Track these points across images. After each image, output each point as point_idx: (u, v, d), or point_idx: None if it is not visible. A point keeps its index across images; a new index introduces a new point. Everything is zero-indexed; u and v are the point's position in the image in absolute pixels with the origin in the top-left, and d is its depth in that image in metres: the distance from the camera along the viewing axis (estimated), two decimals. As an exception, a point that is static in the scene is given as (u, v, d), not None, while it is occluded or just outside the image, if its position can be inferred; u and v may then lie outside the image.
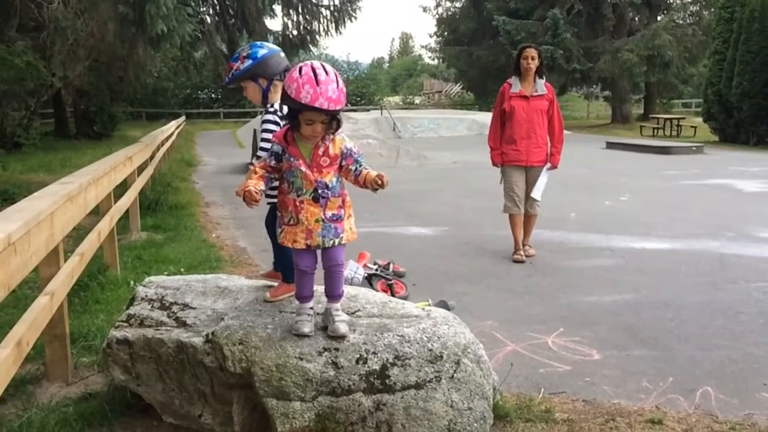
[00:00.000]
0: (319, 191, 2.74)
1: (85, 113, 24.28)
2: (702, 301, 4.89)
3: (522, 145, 6.20)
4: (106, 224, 5.01)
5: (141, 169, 8.24)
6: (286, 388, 2.71)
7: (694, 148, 17.34)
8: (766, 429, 2.96)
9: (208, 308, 3.20)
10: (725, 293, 5.09)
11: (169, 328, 3.09)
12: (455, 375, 2.87)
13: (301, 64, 2.67)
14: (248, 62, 3.15)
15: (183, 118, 26.45)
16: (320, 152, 2.74)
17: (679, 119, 25.95)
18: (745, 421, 3.06)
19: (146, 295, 3.38)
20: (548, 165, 6.24)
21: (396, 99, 55.24)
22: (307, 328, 2.83)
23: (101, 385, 3.48)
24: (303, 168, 2.72)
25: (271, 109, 3.19)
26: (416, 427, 2.73)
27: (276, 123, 3.15)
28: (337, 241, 2.78)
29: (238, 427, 2.87)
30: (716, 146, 19.64)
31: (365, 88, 46.67)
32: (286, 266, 3.14)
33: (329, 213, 2.77)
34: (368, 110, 33.19)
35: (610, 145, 19.41)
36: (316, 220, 2.75)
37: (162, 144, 12.50)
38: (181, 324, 3.10)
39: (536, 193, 6.28)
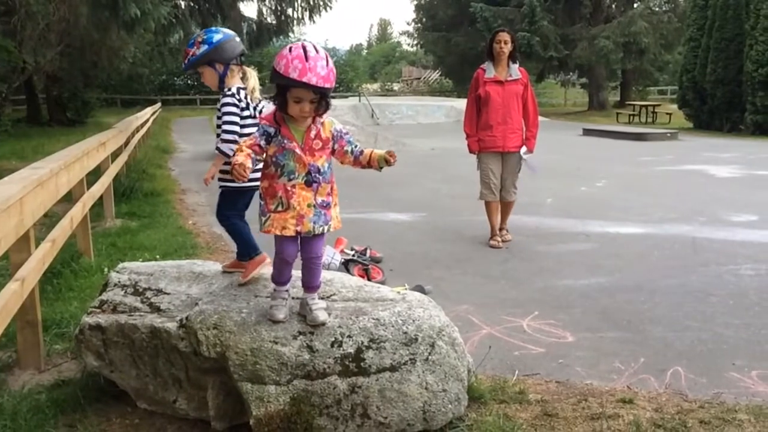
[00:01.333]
0: (312, 175, 2.68)
1: (58, 99, 23.88)
2: (674, 284, 4.98)
3: (498, 131, 6.20)
4: (78, 210, 4.94)
5: (115, 155, 8.13)
6: (260, 371, 2.71)
7: (668, 135, 17.57)
8: (734, 407, 3.02)
9: (182, 293, 3.18)
10: (697, 276, 5.18)
11: (142, 313, 3.07)
12: (430, 357, 2.88)
13: (291, 44, 2.64)
14: (204, 47, 3.16)
15: (159, 104, 26.12)
16: (312, 135, 2.68)
17: (654, 106, 26.23)
18: (714, 400, 3.12)
19: (119, 281, 3.34)
20: (524, 149, 6.25)
21: (374, 86, 55.07)
22: (281, 314, 2.79)
23: (74, 372, 3.44)
24: (297, 150, 2.65)
25: (229, 93, 3.20)
26: (391, 408, 2.74)
27: (235, 105, 3.17)
28: (326, 228, 2.74)
29: (213, 412, 2.86)
30: (691, 132, 19.91)
31: (343, 74, 46.41)
32: (248, 246, 3.22)
33: (320, 199, 2.72)
34: (346, 97, 33.07)
35: (587, 132, 19.58)
36: (309, 205, 2.69)
37: (137, 130, 12.34)
38: (155, 309, 3.08)
39: (536, 165, 6.29)
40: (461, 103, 25.87)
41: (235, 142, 3.14)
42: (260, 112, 3.32)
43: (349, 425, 2.73)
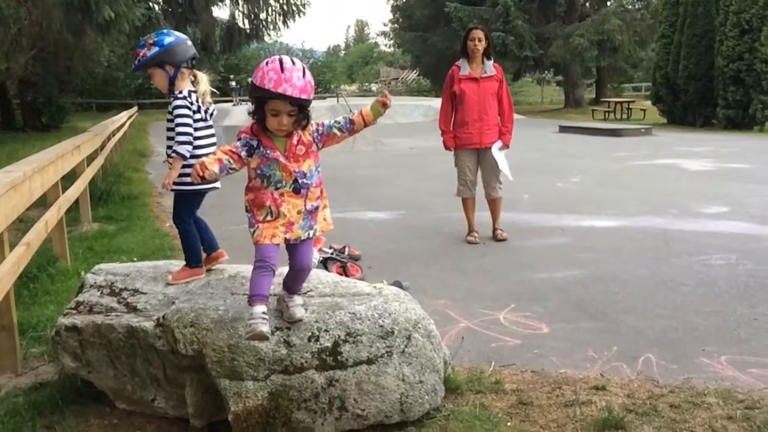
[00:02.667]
0: (300, 181, 2.66)
1: (32, 105, 23.58)
2: (647, 275, 5.07)
3: (474, 128, 6.26)
4: (53, 214, 4.92)
5: (91, 159, 8.07)
6: (238, 368, 2.73)
7: (642, 130, 17.82)
8: (703, 391, 3.10)
9: (158, 293, 3.19)
10: (668, 266, 5.28)
11: (119, 313, 3.07)
12: (406, 350, 2.93)
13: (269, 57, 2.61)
14: (155, 49, 3.19)
15: (135, 108, 25.88)
16: (294, 141, 2.64)
17: (629, 103, 26.58)
18: (684, 385, 3.20)
19: (95, 282, 3.34)
20: (499, 144, 6.31)
21: (352, 87, 55.08)
22: (265, 328, 2.59)
23: (52, 374, 3.44)
24: (281, 159, 2.62)
25: (180, 95, 3.23)
26: (368, 401, 2.78)
27: (187, 108, 3.21)
28: (311, 232, 2.73)
29: (192, 409, 2.88)
30: (664, 128, 20.20)
31: (321, 76, 46.40)
32: (195, 255, 3.30)
33: (309, 204, 2.71)
34: (324, 98, 33.04)
35: (563, 129, 19.80)
36: (298, 212, 2.68)
37: (113, 134, 12.24)
38: (132, 309, 3.09)
39: (505, 169, 6.29)
40: (439, 103, 25.91)
41: (190, 143, 3.20)
42: (211, 115, 3.36)
43: (327, 418, 2.77)
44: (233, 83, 33.10)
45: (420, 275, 5.28)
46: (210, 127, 3.38)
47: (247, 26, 23.85)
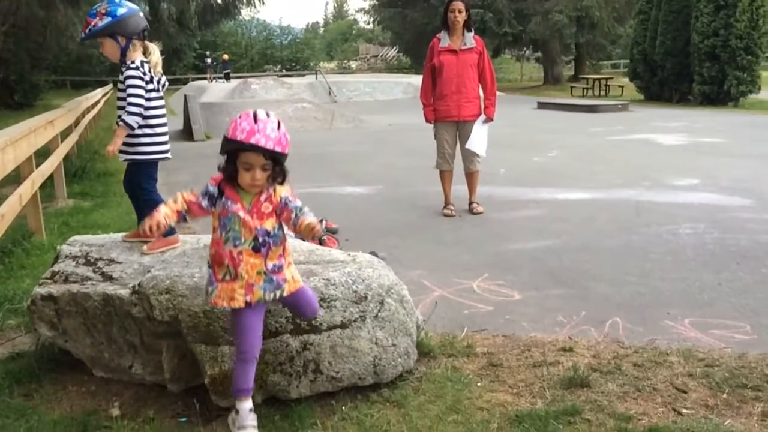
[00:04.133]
0: (260, 239, 2.44)
1: (4, 82, 23.07)
2: (617, 244, 5.19)
3: (452, 100, 6.28)
4: (27, 188, 4.89)
5: (65, 135, 8.00)
6: (214, 333, 2.78)
7: (619, 106, 17.99)
8: (666, 350, 3.22)
9: (134, 262, 3.22)
10: (639, 236, 5.41)
11: (94, 282, 3.10)
12: (379, 314, 3.00)
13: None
14: (107, 19, 3.21)
15: (110, 86, 25.49)
16: (262, 198, 2.45)
17: (607, 79, 26.72)
18: (648, 346, 3.31)
19: (70, 253, 3.36)
20: (483, 117, 6.34)
21: (331, 64, 54.67)
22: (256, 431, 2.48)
23: (29, 344, 3.46)
24: (241, 213, 2.42)
25: (133, 65, 3.26)
26: (342, 364, 2.85)
27: (140, 78, 3.24)
28: (278, 293, 2.50)
29: (169, 375, 2.93)
30: (641, 104, 20.38)
31: (300, 53, 45.95)
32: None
33: (270, 264, 2.48)
34: (303, 75, 32.80)
35: (541, 105, 19.91)
36: (258, 272, 2.46)
37: (87, 111, 12.08)
38: (107, 278, 3.11)
39: (478, 148, 6.30)
40: (418, 80, 25.86)
41: (140, 115, 3.26)
42: (164, 86, 3.42)
43: (302, 381, 2.83)
44: (209, 60, 32.67)
45: (396, 247, 5.35)
46: (161, 98, 3.44)
47: (221, 2, 23.49)
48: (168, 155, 3.50)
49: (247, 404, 2.52)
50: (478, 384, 2.98)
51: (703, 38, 18.97)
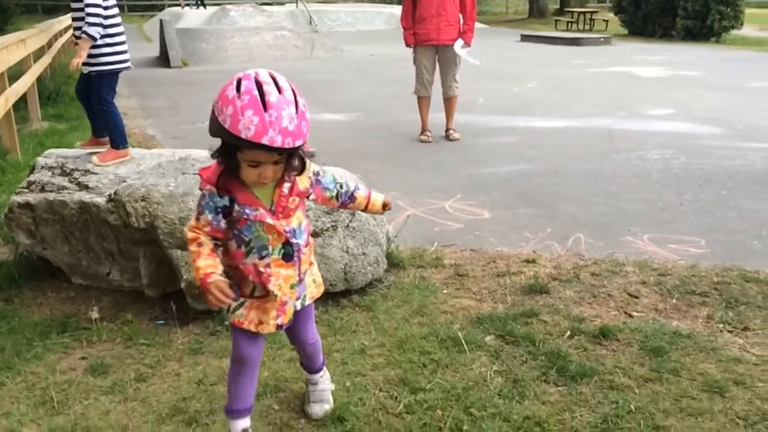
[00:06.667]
0: (292, 243, 1.89)
1: (-28, 5, 22.25)
2: (588, 168, 5.32)
3: (432, 23, 6.25)
4: (1, 106, 4.86)
5: (38, 56, 7.85)
6: (189, 239, 2.87)
7: (602, 40, 17.85)
8: (623, 261, 3.38)
9: (109, 173, 3.28)
10: (609, 161, 5.53)
11: (71, 191, 3.15)
12: (350, 224, 3.11)
13: (239, 75, 1.72)
14: None
15: (83, 11, 24.66)
16: (285, 191, 1.85)
17: (592, 13, 26.33)
18: (607, 258, 3.47)
19: (46, 164, 3.40)
20: (461, 42, 6.33)
21: (313, -7, 53.03)
22: None
23: (7, 254, 3.53)
24: (268, 219, 1.83)
25: None
26: (314, 270, 2.97)
27: None
28: (299, 303, 1.99)
29: (146, 280, 3.03)
30: (624, 38, 20.22)
31: (280, -20, 44.47)
32: (122, 136, 3.48)
33: (303, 271, 1.97)
34: (283, 3, 31.92)
35: (525, 38, 19.69)
36: (292, 286, 1.94)
37: (60, 34, 11.77)
38: (83, 187, 3.17)
39: (471, 59, 6.36)
40: (400, 10, 25.37)
41: (101, 25, 3.31)
42: None
43: (275, 286, 2.95)
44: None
45: (373, 171, 5.42)
46: (117, 6, 3.53)
47: None
48: (129, 64, 3.61)
49: (241, 423, 2.04)
50: (444, 291, 3.12)
51: (688, -29, 18.70)
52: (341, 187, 2.05)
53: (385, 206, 2.16)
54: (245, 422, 2.04)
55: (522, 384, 2.34)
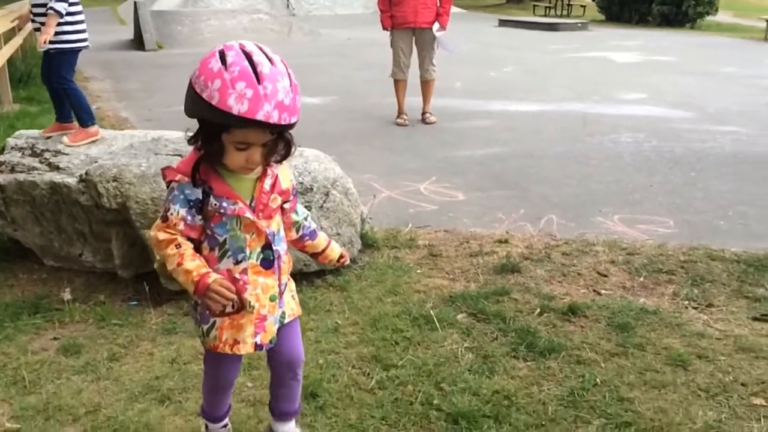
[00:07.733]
0: (273, 248, 1.67)
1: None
2: (561, 151, 5.38)
3: (409, 6, 6.25)
4: (-31, 87, 4.76)
5: (8, 38, 7.69)
6: (162, 219, 2.86)
7: (579, 25, 17.96)
8: (593, 241, 3.45)
9: (80, 154, 3.25)
10: (582, 144, 5.60)
11: (41, 172, 3.13)
12: (324, 205, 3.12)
13: (219, 47, 1.53)
14: None
15: (55, -8, 24.16)
16: (266, 186, 1.64)
17: (569, -1, 26.44)
18: (578, 238, 3.53)
19: (16, 145, 3.36)
20: (436, 26, 6.33)
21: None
22: None
23: (-22, 236, 3.50)
24: (248, 214, 1.61)
25: None
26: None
27: None
28: (283, 319, 1.76)
29: (119, 261, 3.02)
30: (601, 24, 20.34)
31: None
32: (88, 113, 3.48)
33: (283, 282, 1.74)
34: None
35: (502, 23, 19.72)
36: (272, 297, 1.70)
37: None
38: (54, 168, 3.14)
39: (452, 45, 6.40)
40: (379, -6, 25.24)
41: (66, 1, 3.37)
42: None
43: (249, 266, 2.96)
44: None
45: (348, 153, 5.42)
46: None
47: None
48: (88, 44, 3.63)
49: (220, 425, 1.92)
50: (418, 271, 3.16)
51: (664, -43, 18.84)
52: (305, 219, 1.83)
53: (341, 257, 1.91)
54: (224, 421, 1.93)
55: (492, 360, 2.39)
